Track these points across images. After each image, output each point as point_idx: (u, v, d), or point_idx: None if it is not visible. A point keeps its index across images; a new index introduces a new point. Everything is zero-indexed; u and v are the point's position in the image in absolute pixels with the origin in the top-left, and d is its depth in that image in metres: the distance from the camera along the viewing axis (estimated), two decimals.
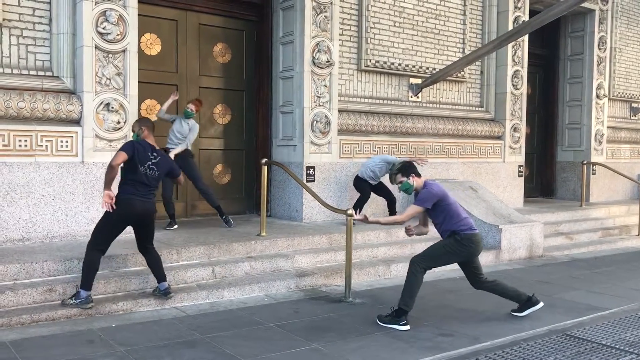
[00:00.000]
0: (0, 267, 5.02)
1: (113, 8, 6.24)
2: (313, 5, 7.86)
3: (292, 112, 8.06)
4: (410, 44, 9.33)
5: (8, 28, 6.09)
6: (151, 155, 5.05)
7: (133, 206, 4.94)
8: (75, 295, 4.84)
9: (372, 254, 7.05)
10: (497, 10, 10.30)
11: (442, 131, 9.68)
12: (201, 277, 5.75)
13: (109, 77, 6.27)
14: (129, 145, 5.02)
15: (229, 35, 8.30)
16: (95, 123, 6.21)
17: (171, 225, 7.02)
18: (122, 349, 4.14)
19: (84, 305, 4.82)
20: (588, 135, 11.98)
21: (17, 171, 5.87)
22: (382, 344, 4.41)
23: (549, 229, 9.18)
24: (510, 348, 4.35)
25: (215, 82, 8.21)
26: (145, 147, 5.05)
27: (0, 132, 5.82)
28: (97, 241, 4.94)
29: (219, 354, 4.10)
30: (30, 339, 4.28)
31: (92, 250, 4.90)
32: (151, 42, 7.59)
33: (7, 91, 5.95)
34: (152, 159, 5.05)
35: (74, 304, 4.81)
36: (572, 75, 12.24)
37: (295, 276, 6.07)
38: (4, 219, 5.80)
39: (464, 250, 4.93)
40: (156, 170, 5.06)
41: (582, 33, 12.07)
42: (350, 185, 8.35)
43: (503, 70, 10.37)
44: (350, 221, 5.68)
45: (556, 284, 6.61)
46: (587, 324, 5.02)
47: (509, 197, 10.41)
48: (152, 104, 7.63)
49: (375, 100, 9.02)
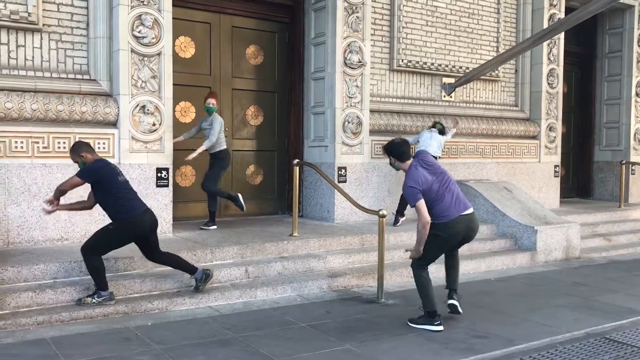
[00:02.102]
0: (41, 265, 5.16)
1: (148, 12, 6.35)
2: (345, 5, 7.86)
3: (323, 113, 8.07)
4: (443, 43, 9.25)
5: (48, 33, 6.26)
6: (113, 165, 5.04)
7: (144, 222, 4.95)
8: (96, 294, 4.88)
9: (404, 255, 6.99)
10: (532, 8, 10.14)
11: (476, 131, 9.56)
12: (234, 276, 5.80)
13: (144, 80, 6.39)
14: (86, 172, 4.88)
15: (261, 37, 8.36)
16: (131, 125, 6.33)
17: (208, 225, 7.08)
18: (158, 347, 4.21)
19: (108, 302, 4.89)
20: (627, 135, 11.68)
21: (57, 172, 6.02)
22: (415, 345, 4.38)
23: (586, 230, 8.99)
24: (546, 351, 4.28)
25: (248, 84, 8.29)
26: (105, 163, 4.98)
27: (40, 134, 5.98)
28: (99, 250, 4.93)
29: (253, 353, 4.13)
30: (69, 336, 4.39)
31: (93, 256, 4.88)
32: (185, 45, 7.70)
33: (47, 94, 6.12)
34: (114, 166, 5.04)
35: (96, 302, 4.85)
36: (610, 73, 11.95)
37: (327, 277, 6.08)
38: (44, 219, 5.95)
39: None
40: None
41: (620, 30, 11.77)
42: (382, 186, 8.32)
43: (538, 69, 10.20)
44: (383, 222, 5.66)
45: (593, 286, 6.46)
46: (627, 328, 4.89)
47: (544, 197, 10.23)
48: (187, 106, 7.74)
49: (408, 100, 8.97)
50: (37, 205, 5.91)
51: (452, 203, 4.77)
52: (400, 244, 7.25)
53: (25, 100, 5.96)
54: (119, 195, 4.90)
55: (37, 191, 5.93)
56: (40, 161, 5.97)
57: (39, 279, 5.12)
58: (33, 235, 5.95)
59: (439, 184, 4.77)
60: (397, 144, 4.95)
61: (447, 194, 4.77)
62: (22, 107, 5.94)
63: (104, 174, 4.87)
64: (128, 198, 4.95)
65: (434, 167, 4.86)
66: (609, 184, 11.88)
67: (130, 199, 4.97)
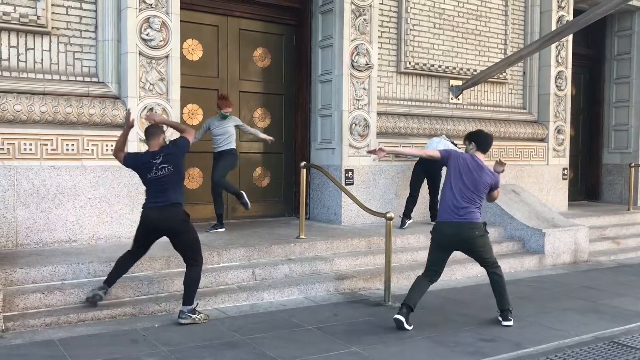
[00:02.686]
0: (49, 267, 5.19)
1: (156, 15, 6.38)
2: (352, 8, 7.86)
3: (330, 116, 8.08)
4: (451, 46, 9.23)
5: (57, 36, 6.29)
6: (154, 160, 4.84)
7: (147, 216, 4.90)
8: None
9: (411, 257, 6.99)
10: (539, 10, 10.10)
11: None
12: (241, 278, 5.81)
13: (152, 83, 6.41)
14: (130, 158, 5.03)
15: (268, 40, 8.38)
16: (139, 127, 6.34)
17: (215, 227, 7.09)
18: (165, 348, 4.21)
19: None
20: (636, 137, 11.60)
21: (65, 174, 6.05)
22: (422, 348, 4.37)
23: (594, 233, 8.93)
24: (554, 355, 4.26)
25: (255, 86, 8.30)
26: (144, 157, 4.96)
27: (48, 136, 6.01)
28: (133, 241, 5.09)
29: (260, 355, 4.14)
30: (77, 338, 4.41)
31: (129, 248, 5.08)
32: (193, 48, 7.73)
33: (56, 97, 6.15)
34: (158, 160, 4.82)
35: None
36: (619, 75, 11.88)
37: (334, 279, 6.07)
38: (52, 221, 5.99)
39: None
40: (168, 165, 4.80)
41: (629, 32, 11.70)
42: (389, 188, 8.31)
43: (546, 71, 10.16)
44: (390, 224, 5.65)
45: (602, 289, 6.42)
46: (636, 332, 4.86)
47: (552, 200, 10.17)
48: (194, 109, 7.76)
49: (415, 103, 8.96)
50: (46, 207, 5.95)
51: (449, 206, 4.87)
52: (408, 247, 7.23)
53: (34, 103, 6.00)
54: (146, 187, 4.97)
55: (46, 193, 5.96)
56: (48, 163, 6.00)
57: (47, 280, 5.14)
58: (42, 237, 5.97)
59: (460, 182, 4.87)
60: (485, 134, 5.19)
61: (452, 196, 4.84)
62: (31, 109, 5.98)
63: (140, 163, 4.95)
64: (150, 190, 4.92)
65: (471, 171, 4.90)
66: (617, 187, 11.81)
67: (151, 190, 4.91)
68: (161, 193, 4.82)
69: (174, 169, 4.83)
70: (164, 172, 4.79)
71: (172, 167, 4.82)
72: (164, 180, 4.81)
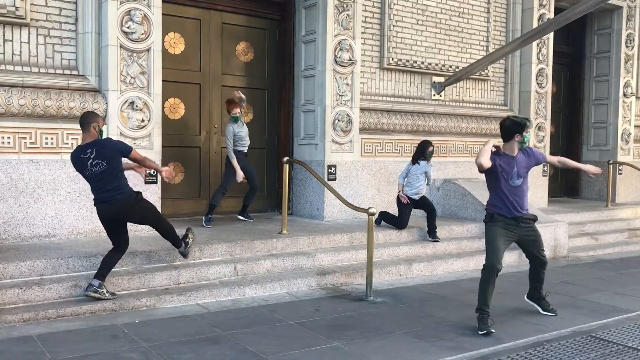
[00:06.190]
0: (28, 262, 5.12)
1: (137, 7, 6.31)
2: (335, 3, 7.85)
3: (313, 111, 8.06)
4: (433, 42, 9.27)
5: (35, 28, 6.20)
6: (85, 155, 4.81)
7: (100, 212, 5.01)
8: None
9: (393, 253, 7.02)
10: (521, 8, 10.18)
11: (466, 130, 9.60)
12: (223, 274, 5.79)
13: (133, 76, 6.35)
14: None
15: (251, 34, 8.33)
16: (120, 121, 6.29)
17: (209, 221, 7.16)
18: (146, 344, 4.19)
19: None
20: (614, 135, 11.77)
21: (44, 168, 5.97)
22: (403, 343, 4.39)
23: (573, 229, 9.05)
24: (534, 349, 4.30)
25: (238, 81, 8.25)
26: (77, 152, 4.87)
27: (27, 130, 5.93)
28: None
29: (241, 350, 4.13)
30: (56, 333, 4.36)
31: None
32: (175, 41, 7.66)
33: (35, 90, 6.06)
34: (90, 156, 4.80)
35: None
36: (599, 73, 12.02)
37: (316, 274, 6.08)
38: (31, 216, 5.91)
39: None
40: (101, 161, 4.78)
41: (609, 30, 11.84)
42: (371, 184, 8.33)
43: (527, 69, 10.25)
44: (372, 220, 5.67)
45: (581, 285, 6.51)
46: (613, 326, 4.94)
47: (532, 196, 10.24)
48: (176, 103, 7.70)
49: (398, 99, 8.98)
50: (25, 201, 5.87)
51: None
52: (389, 242, 7.26)
53: (13, 96, 5.91)
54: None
55: (24, 187, 5.88)
56: (27, 157, 5.91)
57: (25, 275, 5.07)
58: (20, 231, 5.89)
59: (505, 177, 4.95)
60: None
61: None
62: (9, 102, 5.88)
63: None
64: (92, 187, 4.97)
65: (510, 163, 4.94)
66: (596, 184, 11.97)
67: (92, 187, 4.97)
68: (102, 188, 4.89)
69: (107, 164, 4.82)
70: (99, 167, 4.82)
71: (105, 162, 4.81)
72: (101, 177, 4.85)
